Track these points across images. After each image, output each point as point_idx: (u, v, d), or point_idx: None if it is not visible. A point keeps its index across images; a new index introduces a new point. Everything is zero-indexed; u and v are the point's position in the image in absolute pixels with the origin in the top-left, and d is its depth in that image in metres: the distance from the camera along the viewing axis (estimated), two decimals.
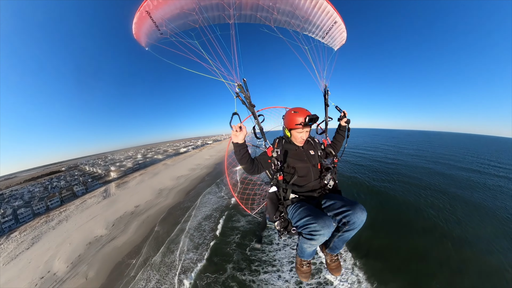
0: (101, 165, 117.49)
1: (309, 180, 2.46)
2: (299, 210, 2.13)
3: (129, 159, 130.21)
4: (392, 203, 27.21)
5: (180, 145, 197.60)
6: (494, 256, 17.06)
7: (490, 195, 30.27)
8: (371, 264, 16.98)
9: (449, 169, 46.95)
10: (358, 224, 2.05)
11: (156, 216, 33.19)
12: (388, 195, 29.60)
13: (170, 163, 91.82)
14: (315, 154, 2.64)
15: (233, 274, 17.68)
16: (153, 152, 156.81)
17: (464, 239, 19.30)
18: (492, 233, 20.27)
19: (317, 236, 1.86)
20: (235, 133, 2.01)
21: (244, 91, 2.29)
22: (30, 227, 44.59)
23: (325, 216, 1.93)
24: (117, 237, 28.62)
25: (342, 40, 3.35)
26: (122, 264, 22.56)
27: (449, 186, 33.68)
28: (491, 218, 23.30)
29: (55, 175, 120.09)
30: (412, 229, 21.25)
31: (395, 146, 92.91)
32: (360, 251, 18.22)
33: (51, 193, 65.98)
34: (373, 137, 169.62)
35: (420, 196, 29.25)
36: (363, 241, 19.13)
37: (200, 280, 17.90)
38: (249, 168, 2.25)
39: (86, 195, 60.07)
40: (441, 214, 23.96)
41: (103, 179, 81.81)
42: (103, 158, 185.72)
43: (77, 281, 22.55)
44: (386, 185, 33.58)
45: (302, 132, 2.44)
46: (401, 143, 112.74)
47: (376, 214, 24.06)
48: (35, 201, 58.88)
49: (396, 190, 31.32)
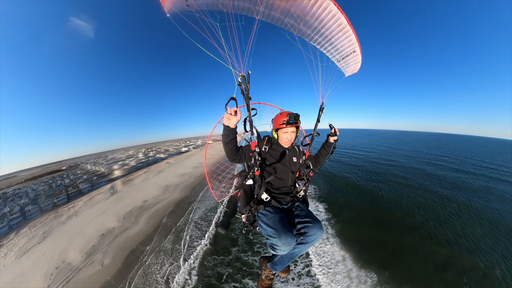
0: (103, 164, 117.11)
1: (285, 184, 2.52)
2: (267, 217, 2.13)
3: (131, 158, 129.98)
4: (381, 201, 27.51)
5: (181, 145, 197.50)
6: (477, 254, 17.63)
7: (478, 196, 30.31)
8: (358, 255, 18.10)
9: (440, 170, 46.75)
10: (313, 238, 2.10)
11: (165, 210, 34.20)
12: (378, 194, 29.72)
13: (173, 162, 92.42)
14: (297, 162, 2.68)
15: (237, 256, 19.34)
16: (154, 151, 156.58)
17: (449, 238, 19.70)
18: (478, 233, 20.61)
19: (277, 250, 1.94)
20: (229, 116, 1.97)
21: (245, 82, 2.29)
22: (39, 223, 44.94)
23: (289, 233, 1.94)
24: (129, 228, 29.56)
25: (355, 69, 3.40)
26: (136, 251, 23.61)
27: (438, 186, 33.74)
28: (478, 218, 23.53)
29: (57, 174, 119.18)
30: (400, 226, 21.68)
31: (390, 147, 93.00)
32: (350, 245, 19.41)
33: (57, 191, 66.06)
34: (370, 138, 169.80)
35: (409, 195, 29.41)
36: (354, 236, 20.38)
37: (207, 262, 19.53)
38: (233, 155, 2.22)
39: (92, 192, 60.40)
40: (428, 213, 24.13)
41: (107, 177, 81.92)
42: (104, 157, 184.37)
43: (93, 268, 23.43)
44: (376, 185, 33.70)
45: (287, 132, 2.47)
46: (396, 144, 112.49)
47: (366, 211, 25.01)
48: (42, 198, 59.03)
49: (385, 190, 31.37)
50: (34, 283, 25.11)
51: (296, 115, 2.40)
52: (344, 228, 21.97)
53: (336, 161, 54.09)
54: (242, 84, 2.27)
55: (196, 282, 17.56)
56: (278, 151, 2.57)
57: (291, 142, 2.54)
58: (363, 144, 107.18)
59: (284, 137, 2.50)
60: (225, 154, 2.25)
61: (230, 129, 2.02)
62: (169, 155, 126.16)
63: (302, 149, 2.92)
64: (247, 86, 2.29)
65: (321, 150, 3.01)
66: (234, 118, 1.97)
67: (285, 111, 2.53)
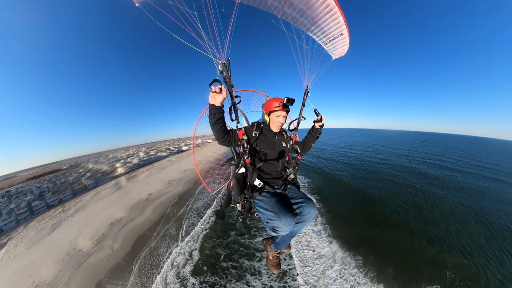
0: (105, 163, 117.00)
1: (276, 169, 2.53)
2: (264, 202, 2.17)
3: (132, 157, 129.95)
4: (371, 198, 27.38)
5: (181, 144, 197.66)
6: (463, 254, 17.14)
7: (472, 196, 29.57)
8: (345, 241, 18.69)
9: (435, 169, 45.98)
10: (308, 217, 2.19)
11: (169, 201, 35.49)
12: (369, 192, 29.38)
13: (174, 159, 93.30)
14: (286, 147, 2.69)
15: (235, 239, 21.00)
16: (155, 150, 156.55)
17: (437, 236, 19.27)
18: (467, 232, 19.99)
19: (279, 231, 2.01)
20: (214, 94, 1.87)
21: (226, 70, 2.21)
22: (47, 217, 45.62)
23: (288, 214, 2.00)
24: (136, 217, 30.75)
25: (342, 52, 3.27)
26: (144, 237, 24.91)
27: (432, 185, 33.15)
28: (470, 218, 22.91)
29: (59, 173, 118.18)
30: (389, 222, 21.54)
31: (387, 146, 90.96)
32: (338, 232, 20.29)
33: (62, 187, 66.41)
34: (368, 137, 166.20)
35: (400, 193, 29.06)
36: (342, 225, 21.11)
37: (207, 244, 21.22)
38: (221, 137, 2.11)
39: (98, 188, 61.09)
40: (418, 212, 23.72)
41: (111, 174, 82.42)
42: (104, 156, 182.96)
43: (103, 252, 24.58)
44: (368, 183, 33.45)
45: (280, 115, 2.46)
46: (393, 143, 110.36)
47: (355, 206, 25.21)
48: (48, 194, 59.42)
49: (376, 187, 31.14)
50: (45, 269, 26.09)
51: (293, 99, 2.38)
52: (334, 218, 22.56)
53: (330, 159, 54.18)
54: (224, 71, 2.20)
55: (197, 261, 19.10)
56: (267, 137, 2.56)
57: (282, 125, 2.57)
58: (360, 143, 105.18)
59: (277, 121, 2.49)
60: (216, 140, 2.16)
61: (216, 107, 1.92)
62: (170, 153, 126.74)
63: (289, 134, 2.92)
64: (228, 73, 2.22)
65: (307, 136, 2.99)
66: (219, 96, 1.87)
67: (272, 98, 2.55)
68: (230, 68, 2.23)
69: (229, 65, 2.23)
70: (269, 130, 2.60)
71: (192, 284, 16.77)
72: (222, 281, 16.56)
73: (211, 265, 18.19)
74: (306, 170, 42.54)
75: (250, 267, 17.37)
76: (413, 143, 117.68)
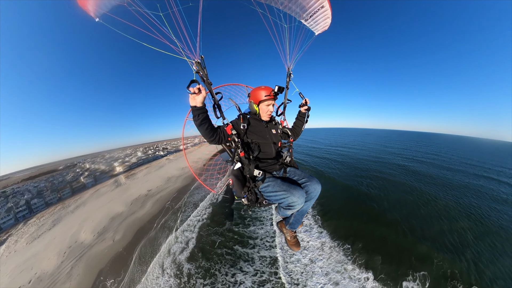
0: (103, 162, 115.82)
1: (270, 156, 2.51)
2: (272, 186, 2.18)
3: (130, 156, 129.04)
4: (361, 195, 27.59)
5: (179, 143, 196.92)
6: (451, 245, 17.31)
7: (461, 192, 29.57)
8: (334, 231, 19.50)
9: (426, 166, 46.21)
10: (314, 194, 2.24)
11: (168, 196, 36.41)
12: (360, 189, 29.69)
13: (172, 158, 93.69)
14: (277, 133, 2.67)
15: (230, 228, 22.33)
16: (153, 150, 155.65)
17: (425, 229, 19.36)
18: (455, 225, 20.03)
19: (295, 206, 2.03)
20: (193, 96, 1.83)
21: (201, 68, 2.11)
22: (47, 214, 45.73)
23: (298, 187, 2.07)
24: (136, 211, 31.56)
25: (325, 26, 3.10)
26: (144, 228, 25.89)
27: (421, 183, 33.31)
28: (457, 212, 22.84)
29: (56, 173, 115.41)
30: (379, 218, 21.50)
31: (382, 145, 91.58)
32: (328, 223, 21.09)
33: (61, 186, 66.01)
34: (364, 137, 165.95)
35: (390, 190, 29.27)
36: (337, 224, 21.17)
37: (203, 232, 22.56)
38: (210, 136, 2.06)
39: (97, 186, 61.17)
40: (406, 207, 23.73)
41: (109, 173, 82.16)
42: (101, 156, 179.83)
43: (105, 243, 25.37)
44: (360, 180, 33.70)
45: (270, 104, 2.46)
46: (388, 142, 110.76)
47: (345, 202, 25.51)
48: (47, 193, 59.11)
49: (369, 185, 31.25)
50: (47, 262, 26.62)
51: (283, 88, 2.39)
52: (325, 213, 22.87)
53: (324, 157, 54.56)
54: (200, 71, 2.13)
55: (192, 248, 20.27)
56: (257, 126, 2.53)
57: (270, 115, 2.56)
58: (355, 142, 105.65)
59: (267, 109, 2.48)
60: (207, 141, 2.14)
61: (198, 108, 1.89)
62: (168, 152, 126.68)
63: (277, 119, 2.89)
64: (204, 71, 2.15)
65: (295, 122, 2.99)
66: (199, 96, 1.85)
67: (257, 87, 2.49)
68: (205, 66, 2.16)
69: (203, 63, 2.15)
70: (258, 119, 2.58)
71: (188, 269, 17.82)
72: (216, 266, 17.61)
73: (206, 252, 19.37)
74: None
75: (243, 253, 18.52)
76: (407, 142, 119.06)
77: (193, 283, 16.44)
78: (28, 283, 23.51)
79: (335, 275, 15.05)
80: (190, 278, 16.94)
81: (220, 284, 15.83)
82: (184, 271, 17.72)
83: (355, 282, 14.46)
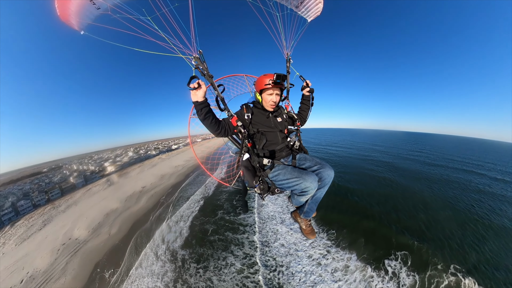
0: (92, 163, 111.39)
1: (277, 144, 2.45)
2: (282, 174, 2.15)
3: (121, 156, 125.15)
4: (347, 190, 27.72)
5: (170, 143, 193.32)
6: (428, 229, 18.04)
7: (440, 184, 30.46)
8: (321, 218, 20.06)
9: (410, 162, 47.27)
10: (328, 180, 2.19)
11: (162, 192, 36.97)
12: (344, 185, 29.76)
13: (165, 157, 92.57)
14: (282, 120, 2.57)
15: (221, 216, 23.63)
16: (144, 150, 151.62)
17: (406, 222, 19.64)
18: (434, 213, 20.74)
19: (309, 191, 2.00)
20: (194, 92, 1.84)
21: (201, 62, 2.08)
22: (37, 214, 44.20)
23: (309, 173, 2.05)
24: (131, 207, 31.84)
25: (317, 12, 3.00)
26: (140, 221, 26.68)
27: (401, 177, 34.28)
28: (441, 206, 23.28)
29: (40, 175, 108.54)
30: (364, 212, 21.84)
31: (371, 144, 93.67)
32: (318, 218, 20.99)
33: (49, 186, 63.30)
34: (353, 136, 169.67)
35: (374, 185, 29.92)
36: (321, 214, 21.44)
37: (196, 221, 23.66)
38: (216, 129, 2.07)
39: (88, 185, 59.54)
40: (388, 202, 23.98)
41: (100, 173, 79.67)
42: (89, 157, 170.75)
43: (100, 238, 25.61)
44: (345, 177, 33.98)
45: (272, 94, 2.33)
46: (378, 141, 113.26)
47: (334, 198, 25.51)
48: (35, 193, 56.49)
49: (353, 181, 31.70)
50: (40, 260, 26.29)
51: (283, 75, 2.23)
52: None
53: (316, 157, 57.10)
54: (199, 65, 2.11)
55: (186, 237, 21.35)
56: (260, 116, 2.43)
57: (276, 104, 2.42)
58: (344, 141, 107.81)
59: (269, 99, 2.36)
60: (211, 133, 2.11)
61: (200, 102, 1.89)
62: (160, 151, 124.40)
63: (281, 104, 2.76)
64: (204, 66, 2.13)
65: (301, 106, 2.91)
66: (199, 91, 1.85)
67: (270, 74, 2.29)
68: (204, 60, 2.15)
69: (202, 57, 2.14)
70: (262, 109, 2.47)
71: (182, 255, 18.85)
72: (209, 251, 18.77)
73: (199, 239, 20.55)
74: None
75: (234, 239, 19.83)
76: (396, 141, 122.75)
77: (187, 267, 17.52)
78: (20, 283, 23.22)
79: (318, 256, 15.94)
80: (184, 263, 18.02)
81: (212, 267, 16.96)
82: (178, 257, 18.75)
83: (338, 262, 15.10)
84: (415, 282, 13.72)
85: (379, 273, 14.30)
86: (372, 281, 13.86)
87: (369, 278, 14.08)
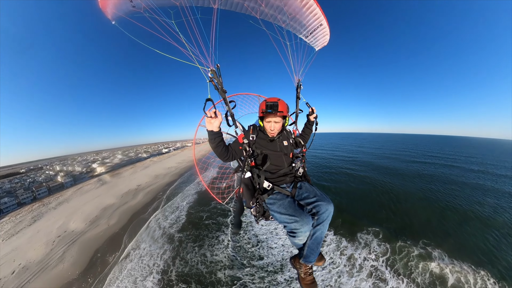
0: (77, 164, 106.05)
1: (282, 167, 2.37)
2: (277, 205, 2.03)
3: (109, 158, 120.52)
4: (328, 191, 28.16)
5: (160, 147, 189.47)
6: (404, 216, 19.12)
7: (423, 179, 32.14)
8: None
9: (393, 161, 49.03)
10: (325, 215, 1.98)
11: (158, 189, 38.94)
12: (324, 185, 30.62)
13: (156, 160, 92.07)
14: (288, 144, 2.49)
15: (215, 205, 26.88)
16: (134, 153, 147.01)
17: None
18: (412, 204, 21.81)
19: (298, 233, 1.84)
20: (210, 120, 1.83)
21: (216, 76, 2.07)
22: (24, 211, 42.87)
23: (303, 213, 1.89)
24: (129, 201, 33.30)
25: (324, 42, 3.24)
26: (139, 212, 28.62)
27: (384, 175, 35.07)
28: (417, 194, 24.89)
29: (20, 176, 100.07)
30: (341, 207, 22.50)
31: (358, 146, 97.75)
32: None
33: (36, 185, 60.29)
34: (343, 139, 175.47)
35: (354, 183, 30.62)
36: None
37: (192, 210, 26.57)
38: (224, 156, 2.09)
39: (79, 184, 58.09)
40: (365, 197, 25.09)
41: (89, 173, 77.13)
42: (72, 159, 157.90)
43: (99, 228, 26.89)
44: (326, 177, 34.77)
45: (270, 121, 2.26)
46: (366, 143, 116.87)
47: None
48: (20, 191, 53.65)
49: (332, 180, 32.56)
50: (33, 252, 26.60)
51: (274, 104, 2.13)
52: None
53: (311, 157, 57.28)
54: (214, 79, 2.09)
55: (183, 223, 24.06)
56: (264, 140, 2.37)
57: (276, 132, 2.34)
58: (331, 144, 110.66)
59: (268, 127, 2.30)
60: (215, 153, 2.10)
61: (215, 132, 1.91)
62: (151, 155, 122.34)
63: (289, 129, 2.75)
64: (219, 80, 2.11)
65: (304, 130, 2.91)
66: (216, 121, 1.86)
67: (271, 98, 2.24)
68: (220, 75, 2.14)
69: (219, 72, 2.13)
70: (264, 133, 2.41)
71: (179, 237, 21.55)
72: (204, 232, 21.82)
73: (195, 224, 23.59)
74: None
75: (224, 222, 23.19)
76: (383, 142, 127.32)
77: (184, 246, 20.22)
78: (12, 274, 23.48)
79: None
80: (182, 243, 20.68)
81: (207, 245, 19.86)
82: (176, 239, 21.47)
83: None
84: (387, 250, 15.05)
85: (353, 244, 16.38)
86: (346, 250, 15.82)
87: (343, 247, 16.07)
